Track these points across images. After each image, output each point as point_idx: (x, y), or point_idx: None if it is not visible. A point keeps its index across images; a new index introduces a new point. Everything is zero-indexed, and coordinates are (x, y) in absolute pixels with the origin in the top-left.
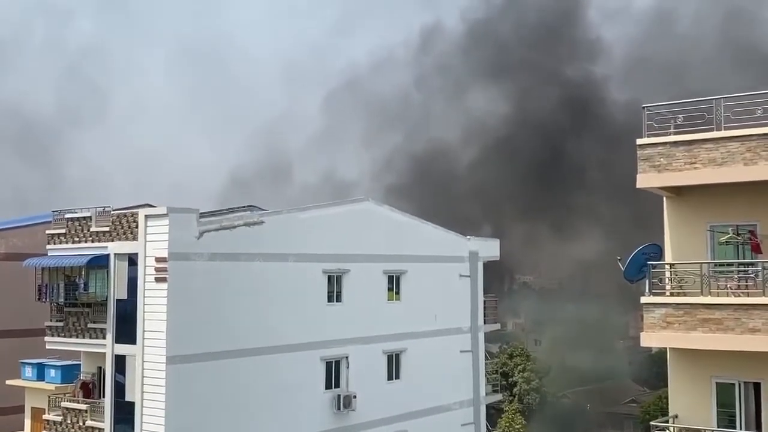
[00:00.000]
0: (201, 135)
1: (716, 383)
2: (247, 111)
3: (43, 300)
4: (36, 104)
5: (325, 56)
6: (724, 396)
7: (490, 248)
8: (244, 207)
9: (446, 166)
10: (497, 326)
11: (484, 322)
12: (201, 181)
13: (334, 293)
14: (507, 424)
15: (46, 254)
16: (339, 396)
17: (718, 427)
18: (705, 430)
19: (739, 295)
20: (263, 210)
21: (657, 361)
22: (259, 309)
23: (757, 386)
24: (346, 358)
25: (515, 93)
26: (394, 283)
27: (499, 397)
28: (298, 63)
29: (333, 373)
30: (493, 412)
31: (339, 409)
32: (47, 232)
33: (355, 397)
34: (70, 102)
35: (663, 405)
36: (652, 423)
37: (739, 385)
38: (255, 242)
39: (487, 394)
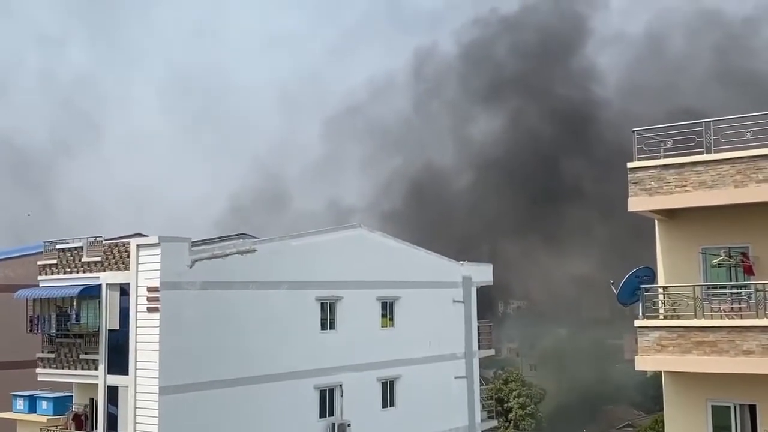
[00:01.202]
0: (198, 164)
1: (712, 406)
2: (245, 140)
3: (35, 331)
4: (29, 135)
5: (322, 83)
6: (720, 419)
7: (483, 273)
8: (236, 235)
9: (445, 189)
10: (492, 352)
11: (479, 348)
12: (199, 210)
13: (328, 320)
14: None
15: (38, 285)
16: (333, 425)
17: None
18: None
19: (733, 318)
20: (255, 238)
21: (652, 384)
22: (253, 337)
23: (752, 408)
24: (340, 386)
25: (511, 114)
26: (387, 309)
27: (494, 423)
28: (295, 90)
29: (327, 401)
30: None
31: None
32: (38, 263)
33: (349, 425)
34: (64, 133)
35: (659, 429)
36: None
37: (735, 407)
38: (248, 270)
39: (482, 420)
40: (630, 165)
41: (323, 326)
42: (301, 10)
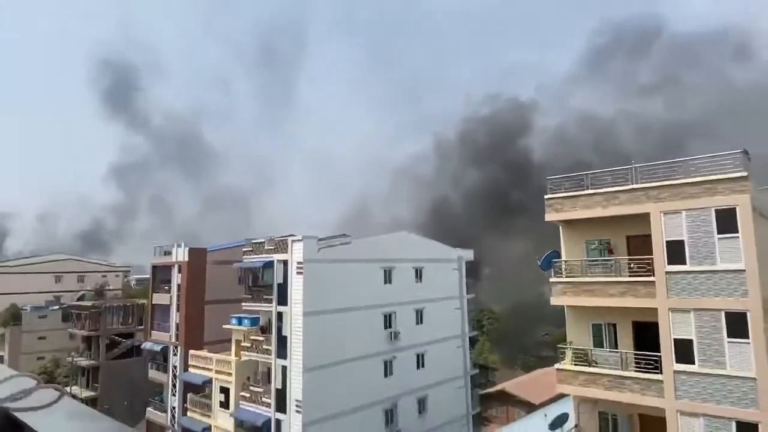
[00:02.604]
0: (323, 202)
1: (592, 324)
2: (348, 186)
3: (242, 284)
4: (241, 185)
5: (388, 154)
6: (596, 331)
7: (468, 254)
8: (340, 235)
9: (450, 210)
10: (473, 295)
11: (466, 293)
12: (324, 223)
13: (388, 278)
14: (480, 347)
15: (243, 261)
16: (391, 332)
17: (593, 347)
18: (586, 349)
19: (602, 276)
20: (350, 236)
21: (561, 312)
22: (350, 287)
23: (614, 325)
24: (395, 312)
25: (486, 169)
26: (418, 273)
27: (476, 333)
28: (374, 159)
29: (388, 320)
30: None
31: (391, 339)
32: (243, 250)
33: (399, 332)
34: (256, 184)
35: (563, 336)
36: (558, 346)
37: (604, 325)
38: (347, 253)
39: (469, 331)
40: (546, 197)
41: (385, 281)
42: (372, 115)
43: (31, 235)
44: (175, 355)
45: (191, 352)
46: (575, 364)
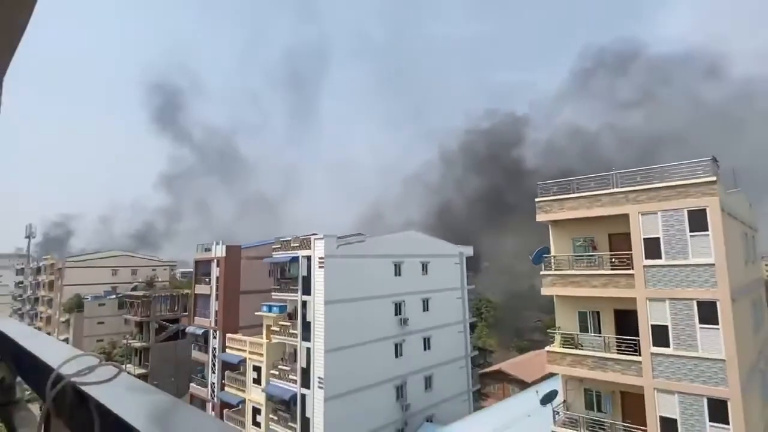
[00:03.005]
0: (342, 205)
1: (578, 312)
2: (367, 191)
3: (271, 276)
4: (272, 191)
5: (400, 164)
6: (582, 318)
7: (468, 250)
8: (356, 234)
9: (453, 211)
10: (473, 286)
11: (467, 285)
12: (342, 224)
13: (398, 271)
14: (479, 331)
15: (272, 256)
16: (401, 319)
17: (579, 332)
18: (573, 333)
19: (587, 270)
20: (364, 235)
21: (551, 300)
22: (365, 279)
23: (598, 313)
24: (404, 301)
25: (485, 175)
26: (424, 267)
27: (475, 319)
28: (388, 168)
29: (398, 308)
30: (471, 327)
31: (401, 325)
32: (273, 246)
33: (408, 319)
34: (283, 192)
35: (553, 322)
36: (548, 330)
37: (589, 312)
38: (362, 249)
39: (469, 318)
40: (537, 199)
41: (395, 274)
42: (385, 129)
43: (92, 235)
44: (214, 338)
45: (228, 335)
46: (563, 347)
